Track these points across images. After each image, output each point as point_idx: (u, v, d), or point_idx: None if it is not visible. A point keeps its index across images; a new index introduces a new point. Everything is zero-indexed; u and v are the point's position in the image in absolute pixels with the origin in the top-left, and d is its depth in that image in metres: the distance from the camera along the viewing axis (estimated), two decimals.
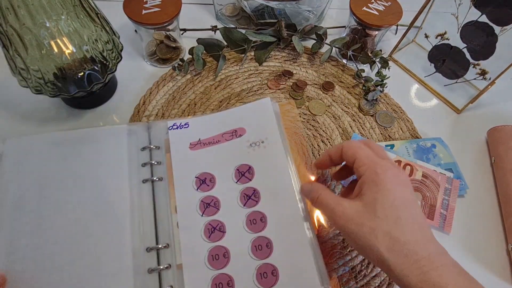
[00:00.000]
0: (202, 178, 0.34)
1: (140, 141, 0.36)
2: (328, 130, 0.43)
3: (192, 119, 0.38)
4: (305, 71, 0.49)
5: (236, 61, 0.49)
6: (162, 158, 0.35)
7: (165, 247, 0.31)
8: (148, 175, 0.34)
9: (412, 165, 0.40)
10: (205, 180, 0.34)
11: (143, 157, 0.35)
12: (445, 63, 0.48)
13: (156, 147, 0.36)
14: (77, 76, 0.37)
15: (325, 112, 0.45)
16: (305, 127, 0.43)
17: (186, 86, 0.46)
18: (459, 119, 0.47)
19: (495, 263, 0.36)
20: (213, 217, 0.32)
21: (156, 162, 0.35)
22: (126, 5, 0.42)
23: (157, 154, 0.36)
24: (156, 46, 0.47)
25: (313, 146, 0.42)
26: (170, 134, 0.36)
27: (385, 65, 0.47)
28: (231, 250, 0.30)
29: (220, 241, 0.31)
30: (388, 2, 0.47)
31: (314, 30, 0.49)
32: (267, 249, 0.30)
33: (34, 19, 0.31)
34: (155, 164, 0.35)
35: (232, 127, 0.37)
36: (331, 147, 0.30)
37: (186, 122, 0.37)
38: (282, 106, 0.43)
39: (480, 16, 0.41)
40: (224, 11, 0.54)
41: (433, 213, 0.38)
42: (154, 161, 0.35)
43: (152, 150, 0.36)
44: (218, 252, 0.30)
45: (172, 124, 0.37)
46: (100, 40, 0.37)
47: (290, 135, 0.40)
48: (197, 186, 0.34)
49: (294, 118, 0.42)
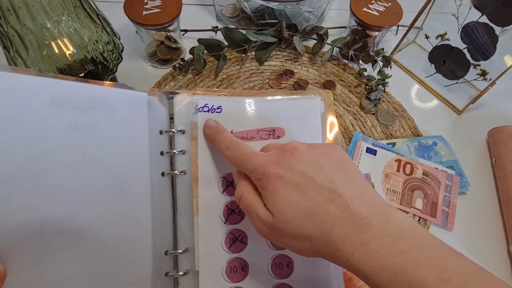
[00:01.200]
0: (230, 179, 0.29)
1: (159, 121, 0.28)
2: None
3: (227, 100, 0.30)
4: (306, 70, 0.49)
5: (237, 61, 0.49)
6: (186, 146, 0.29)
7: (184, 252, 0.28)
8: (167, 167, 0.28)
9: (413, 164, 0.40)
10: (232, 182, 0.29)
11: (162, 143, 0.28)
12: (445, 64, 0.48)
13: (179, 131, 0.29)
14: (78, 76, 0.37)
15: None
16: None
17: (187, 85, 0.46)
18: (460, 119, 0.47)
19: (496, 264, 0.36)
20: (236, 225, 0.29)
21: (179, 151, 0.28)
22: (126, 6, 0.42)
23: (181, 140, 0.29)
24: (157, 47, 0.47)
25: None
26: (199, 117, 0.29)
27: (387, 63, 0.47)
28: (250, 264, 0.28)
29: (240, 253, 0.28)
30: (388, 3, 0.48)
31: (315, 30, 0.49)
32: (288, 269, 0.29)
33: (35, 20, 0.31)
34: (177, 154, 0.29)
35: (270, 125, 0.30)
36: None
37: (219, 106, 0.29)
38: None
39: (481, 17, 0.41)
40: (224, 12, 0.54)
41: (435, 211, 0.38)
42: (176, 150, 0.28)
43: (174, 135, 0.29)
44: (237, 264, 0.28)
45: (202, 105, 0.29)
46: (101, 41, 0.37)
47: None
48: (223, 188, 0.29)
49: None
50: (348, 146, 0.42)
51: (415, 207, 0.38)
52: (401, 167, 0.40)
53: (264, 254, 0.29)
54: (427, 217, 0.37)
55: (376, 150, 0.41)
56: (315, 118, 0.31)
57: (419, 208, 0.38)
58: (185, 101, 0.29)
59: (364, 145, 0.42)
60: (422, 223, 0.37)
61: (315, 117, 0.31)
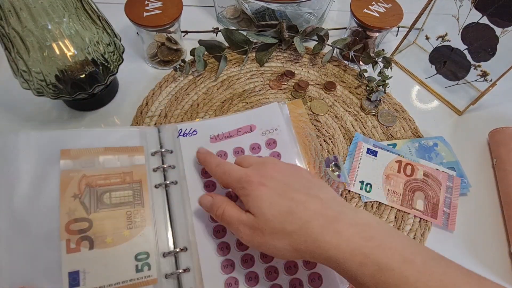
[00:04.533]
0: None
1: (150, 145, 0.34)
2: (330, 129, 0.44)
3: (200, 122, 0.38)
4: (307, 71, 0.49)
5: (238, 62, 0.49)
6: (175, 161, 0.34)
7: (183, 250, 0.30)
8: (160, 180, 0.33)
9: (413, 165, 0.40)
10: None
11: (154, 161, 0.34)
12: (446, 65, 0.48)
13: (168, 151, 0.35)
14: (79, 78, 0.37)
15: (327, 111, 0.45)
16: (307, 127, 0.43)
17: (188, 87, 0.46)
18: (461, 120, 0.47)
19: (497, 265, 0.36)
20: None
21: (169, 166, 0.34)
22: (127, 7, 0.42)
23: (170, 157, 0.35)
24: (158, 48, 0.47)
25: (315, 145, 0.42)
26: (181, 141, 0.36)
27: (387, 65, 0.47)
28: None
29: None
30: (388, 4, 0.48)
31: (316, 31, 0.49)
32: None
33: (36, 21, 0.31)
34: (168, 168, 0.34)
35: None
36: None
37: (195, 129, 0.37)
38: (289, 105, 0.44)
39: (481, 18, 0.41)
40: (225, 13, 0.54)
41: (436, 212, 0.38)
42: (167, 165, 0.34)
43: (164, 154, 0.35)
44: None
45: (179, 130, 0.36)
46: (102, 43, 0.37)
47: (298, 134, 0.41)
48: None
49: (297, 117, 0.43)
50: (348, 147, 0.42)
51: (416, 208, 0.38)
52: (401, 168, 0.40)
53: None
54: (428, 218, 0.37)
55: (377, 151, 0.41)
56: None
57: (420, 209, 0.38)
58: (170, 128, 0.36)
59: (364, 146, 0.42)
60: (423, 224, 0.37)
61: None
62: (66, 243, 0.27)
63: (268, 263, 0.30)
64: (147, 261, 0.28)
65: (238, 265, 0.30)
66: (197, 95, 0.45)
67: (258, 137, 0.37)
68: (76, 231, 0.27)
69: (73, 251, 0.27)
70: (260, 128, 0.38)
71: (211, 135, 0.37)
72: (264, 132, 0.37)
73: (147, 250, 0.29)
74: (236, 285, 0.29)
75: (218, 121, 0.38)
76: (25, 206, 0.27)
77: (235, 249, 0.31)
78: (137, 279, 0.27)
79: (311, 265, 0.31)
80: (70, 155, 0.30)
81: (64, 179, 0.29)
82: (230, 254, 0.30)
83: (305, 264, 0.31)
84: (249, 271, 0.30)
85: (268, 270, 0.30)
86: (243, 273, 0.30)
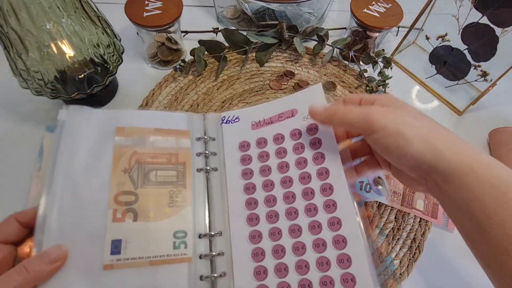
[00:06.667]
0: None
1: (195, 131, 0.36)
2: None
3: (243, 110, 0.38)
4: (307, 71, 0.49)
5: (238, 62, 0.49)
6: (217, 149, 0.35)
7: (218, 234, 0.31)
8: (202, 165, 0.34)
9: None
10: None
11: (198, 146, 0.35)
12: (446, 65, 0.48)
13: (211, 138, 0.36)
14: (77, 78, 0.37)
15: None
16: None
17: (188, 87, 0.46)
18: (461, 120, 0.47)
19: None
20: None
21: (211, 153, 0.35)
22: (127, 7, 0.42)
23: (212, 145, 0.36)
24: (158, 48, 0.47)
25: None
26: (223, 128, 0.36)
27: (387, 65, 0.47)
28: None
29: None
30: (388, 4, 0.48)
31: (316, 31, 0.49)
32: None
33: (34, 21, 0.31)
34: (210, 154, 0.35)
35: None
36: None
37: (237, 117, 0.37)
38: None
39: (481, 18, 0.41)
40: (225, 14, 0.54)
41: (437, 212, 0.38)
42: (209, 151, 0.35)
43: (207, 140, 0.36)
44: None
45: (222, 118, 0.37)
46: (101, 43, 0.37)
47: None
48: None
49: None
50: None
51: (416, 208, 0.38)
52: None
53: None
54: (428, 218, 0.37)
55: None
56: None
57: (420, 209, 0.38)
58: (214, 116, 0.37)
59: None
60: (423, 224, 0.37)
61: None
62: (113, 212, 0.28)
63: (300, 256, 0.30)
64: (184, 239, 0.29)
65: (268, 255, 0.30)
66: (197, 95, 0.45)
67: (299, 122, 0.35)
68: (123, 202, 0.29)
69: (118, 220, 0.28)
70: (302, 112, 0.36)
71: (253, 121, 0.36)
72: (306, 117, 0.35)
73: (185, 229, 0.30)
74: (265, 274, 0.29)
75: (261, 108, 0.37)
76: (80, 173, 0.29)
77: (267, 238, 0.31)
78: (174, 255, 0.28)
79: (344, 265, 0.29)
80: (124, 132, 0.32)
81: (117, 154, 0.30)
82: (262, 243, 0.30)
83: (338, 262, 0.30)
84: (279, 262, 0.30)
85: (298, 264, 0.29)
86: (273, 263, 0.30)
